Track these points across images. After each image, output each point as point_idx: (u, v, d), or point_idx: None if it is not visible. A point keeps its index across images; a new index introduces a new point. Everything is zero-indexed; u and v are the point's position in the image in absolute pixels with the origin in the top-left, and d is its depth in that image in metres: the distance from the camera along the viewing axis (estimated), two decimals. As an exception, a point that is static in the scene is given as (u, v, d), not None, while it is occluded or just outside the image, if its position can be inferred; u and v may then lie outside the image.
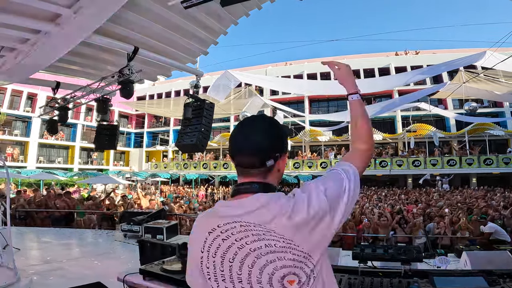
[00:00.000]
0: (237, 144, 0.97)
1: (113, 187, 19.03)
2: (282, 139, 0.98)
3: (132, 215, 7.07)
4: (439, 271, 1.73)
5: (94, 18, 3.72)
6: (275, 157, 0.94)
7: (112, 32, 4.55)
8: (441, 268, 3.17)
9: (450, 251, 4.50)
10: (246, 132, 0.97)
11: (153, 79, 6.74)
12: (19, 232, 7.57)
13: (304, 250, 0.83)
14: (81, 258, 5.04)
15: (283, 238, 0.83)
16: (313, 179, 0.96)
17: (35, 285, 3.61)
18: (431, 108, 17.64)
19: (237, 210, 0.89)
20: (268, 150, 0.93)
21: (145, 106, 27.11)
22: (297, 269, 0.82)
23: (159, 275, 1.93)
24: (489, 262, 2.91)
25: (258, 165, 0.93)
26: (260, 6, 5.36)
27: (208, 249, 0.89)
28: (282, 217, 0.84)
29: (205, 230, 0.91)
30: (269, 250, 0.82)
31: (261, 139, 0.94)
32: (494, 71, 10.99)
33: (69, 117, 6.48)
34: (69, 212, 8.86)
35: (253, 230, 0.85)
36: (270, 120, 1.00)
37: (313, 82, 21.56)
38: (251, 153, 0.93)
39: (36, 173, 19.20)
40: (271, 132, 0.96)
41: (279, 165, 0.97)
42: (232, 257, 0.85)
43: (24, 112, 26.09)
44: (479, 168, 20.62)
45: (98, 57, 5.34)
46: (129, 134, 35.76)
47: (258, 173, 0.94)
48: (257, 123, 0.98)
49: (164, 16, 4.54)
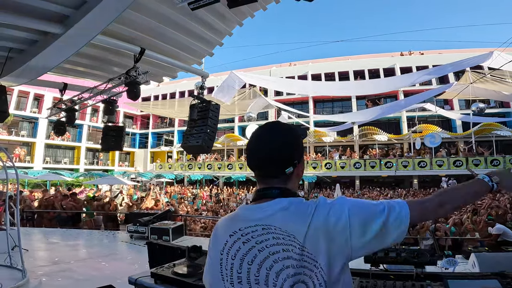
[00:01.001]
0: (256, 154, 0.97)
1: (120, 188, 19.14)
2: (299, 146, 0.99)
3: (138, 216, 7.09)
4: (453, 274, 1.71)
5: (100, 19, 3.74)
6: (294, 164, 0.95)
7: (118, 34, 4.57)
8: (449, 270, 3.14)
9: (457, 252, 4.46)
10: (264, 141, 0.97)
11: (158, 80, 6.76)
12: (27, 232, 7.64)
13: (315, 258, 0.83)
14: (88, 259, 5.07)
15: (299, 244, 0.83)
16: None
17: (44, 286, 3.64)
18: (437, 109, 17.51)
19: (258, 213, 0.91)
20: (287, 159, 0.94)
21: (150, 107, 27.23)
22: (306, 277, 0.82)
23: (171, 279, 1.93)
24: (498, 264, 2.87)
25: (278, 174, 0.94)
26: (265, 7, 5.35)
27: (228, 252, 0.90)
28: (302, 223, 0.84)
29: (227, 233, 0.93)
30: (286, 256, 0.83)
31: (280, 149, 0.94)
32: (501, 71, 10.89)
33: (76, 118, 6.52)
34: (75, 213, 8.92)
35: (274, 233, 0.86)
36: (286, 128, 0.99)
37: (317, 83, 21.52)
38: (271, 162, 0.94)
39: (42, 173, 19.37)
40: (288, 141, 0.96)
41: (298, 170, 0.97)
42: (251, 259, 0.86)
43: (31, 113, 26.35)
44: (486, 169, 20.39)
45: (105, 58, 5.37)
46: (134, 134, 35.95)
47: (278, 180, 0.95)
48: (274, 133, 0.97)
49: (170, 17, 4.56)
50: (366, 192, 18.77)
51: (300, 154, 0.98)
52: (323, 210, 0.86)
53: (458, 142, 23.95)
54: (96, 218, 8.99)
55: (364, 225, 0.85)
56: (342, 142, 26.53)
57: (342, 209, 0.86)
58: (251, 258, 0.86)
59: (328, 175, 24.04)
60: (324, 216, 0.85)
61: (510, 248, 4.62)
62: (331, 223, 0.84)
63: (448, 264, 3.35)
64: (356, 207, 0.87)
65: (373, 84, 14.57)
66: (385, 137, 24.03)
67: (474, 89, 12.47)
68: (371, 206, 0.88)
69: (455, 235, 6.79)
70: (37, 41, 4.34)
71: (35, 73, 4.90)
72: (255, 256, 0.86)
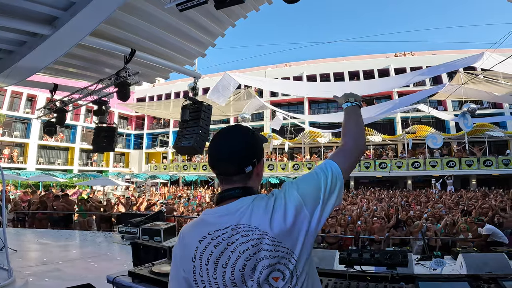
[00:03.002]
0: (216, 154, 1.01)
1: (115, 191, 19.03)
2: (257, 146, 1.02)
3: (130, 216, 7.06)
4: (426, 276, 1.73)
5: (90, 20, 3.73)
6: (253, 163, 0.98)
7: (108, 34, 4.56)
8: (438, 271, 3.16)
9: (447, 253, 4.49)
10: (224, 142, 1.01)
11: (151, 81, 6.75)
12: (17, 233, 7.58)
13: (286, 246, 0.87)
14: (77, 260, 5.04)
15: (268, 236, 0.87)
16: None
17: (30, 286, 3.61)
18: (430, 110, 17.64)
19: (226, 215, 0.93)
20: (245, 157, 0.98)
21: (145, 108, 27.14)
22: (281, 266, 0.86)
23: (148, 278, 1.94)
24: (485, 264, 2.89)
25: (238, 172, 0.97)
26: (257, 8, 5.37)
27: (200, 258, 0.89)
28: (266, 215, 0.89)
29: (195, 239, 0.92)
30: (257, 249, 0.86)
31: (238, 148, 0.99)
32: (493, 72, 10.99)
33: (67, 119, 6.49)
34: (67, 214, 8.86)
35: (243, 231, 0.89)
36: (245, 129, 1.04)
37: (312, 84, 21.58)
38: (230, 161, 0.98)
39: (35, 174, 19.20)
40: (246, 140, 1.01)
41: (257, 169, 1.01)
42: (225, 262, 0.87)
43: (24, 113, 26.11)
44: (479, 170, 20.59)
45: (96, 59, 5.35)
46: (129, 135, 35.75)
47: (239, 179, 0.99)
48: (233, 133, 1.02)
49: (161, 18, 4.56)
50: (360, 192, 18.82)
51: (259, 155, 1.02)
52: (280, 200, 0.91)
53: (451, 142, 24.14)
54: (88, 219, 8.92)
55: (315, 199, 0.92)
56: (337, 143, 26.57)
57: (293, 194, 0.92)
58: (225, 261, 0.87)
59: (323, 176, 24.06)
60: (282, 205, 0.90)
61: (499, 249, 4.66)
62: (288, 210, 0.89)
63: (436, 264, 3.38)
64: (302, 186, 0.94)
65: (367, 85, 14.64)
66: (379, 137, 24.15)
67: (466, 90, 12.58)
68: (314, 180, 0.96)
69: (445, 236, 6.83)
70: (26, 42, 4.31)
71: (24, 74, 4.87)
72: (228, 258, 0.87)
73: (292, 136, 25.44)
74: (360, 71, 27.77)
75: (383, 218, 7.68)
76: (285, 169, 24.85)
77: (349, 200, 13.83)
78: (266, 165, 25.60)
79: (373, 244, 6.71)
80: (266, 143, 1.10)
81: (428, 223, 6.95)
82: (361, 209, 9.75)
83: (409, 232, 7.20)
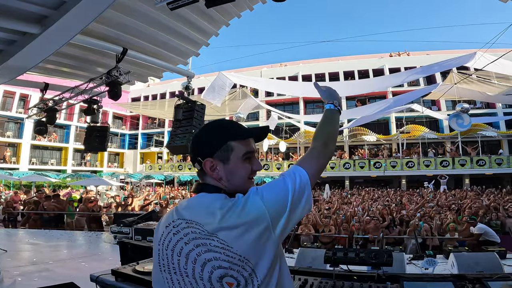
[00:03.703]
0: None
1: (109, 191, 18.89)
2: (200, 145, 1.02)
3: (123, 216, 7.00)
4: (411, 276, 1.73)
5: (80, 19, 3.68)
6: (197, 160, 0.99)
7: (100, 33, 4.52)
8: (429, 271, 3.17)
9: (440, 252, 4.51)
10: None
11: (144, 81, 6.70)
12: (8, 233, 7.50)
13: (238, 253, 0.84)
14: (68, 260, 4.99)
15: (217, 238, 0.85)
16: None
17: (19, 285, 3.57)
18: (423, 109, 17.76)
19: (186, 207, 0.96)
20: (192, 154, 1.02)
21: (140, 108, 26.96)
22: (234, 272, 0.84)
23: (131, 276, 1.93)
24: (477, 263, 2.90)
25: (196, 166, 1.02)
26: (251, 7, 5.36)
27: (163, 242, 0.94)
28: (216, 218, 0.87)
29: (164, 225, 0.97)
30: (207, 249, 0.86)
31: (191, 143, 1.05)
32: (486, 72, 11.09)
33: (60, 119, 6.42)
34: (59, 214, 8.77)
35: (193, 228, 0.89)
36: (205, 126, 1.05)
37: (307, 84, 21.61)
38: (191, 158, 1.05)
39: (27, 175, 19.00)
40: (195, 138, 1.04)
41: (206, 167, 0.98)
42: (179, 251, 0.89)
43: (17, 113, 25.81)
44: (472, 169, 20.78)
45: (87, 58, 5.29)
46: (124, 135, 35.54)
47: (200, 175, 1.02)
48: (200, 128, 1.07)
49: (153, 17, 4.52)
50: (355, 192, 18.89)
51: (202, 154, 0.99)
52: (238, 206, 0.88)
53: (445, 142, 24.34)
54: (78, 219, 8.83)
55: (281, 208, 0.89)
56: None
57: (255, 201, 0.88)
58: (179, 250, 0.89)
59: (318, 175, 24.13)
60: (238, 211, 0.87)
61: (490, 248, 4.70)
62: (244, 216, 0.86)
63: (428, 264, 3.39)
64: (268, 194, 0.90)
65: (362, 84, 14.71)
66: (374, 137, 24.28)
67: (459, 90, 12.68)
68: (280, 188, 0.91)
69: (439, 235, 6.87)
70: (15, 41, 4.24)
71: (14, 73, 4.80)
72: (181, 248, 0.89)
73: (287, 136, 25.47)
74: (355, 71, 27.91)
75: (377, 218, 7.71)
76: (280, 169, 24.88)
77: (346, 200, 13.88)
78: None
79: (368, 243, 6.74)
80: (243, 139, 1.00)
81: (424, 222, 6.99)
82: (356, 208, 9.78)
83: (402, 232, 7.24)
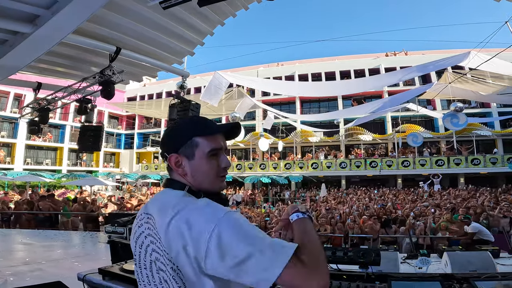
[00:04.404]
0: None
1: (104, 191, 18.77)
2: (168, 140, 0.98)
3: (118, 216, 6.96)
4: (399, 275, 1.73)
5: (72, 18, 3.65)
6: (163, 155, 0.97)
7: (92, 33, 4.48)
8: (423, 270, 3.18)
9: (434, 251, 4.53)
10: None
11: (138, 80, 6.67)
12: (2, 233, 7.43)
13: (173, 261, 0.80)
14: (61, 260, 4.96)
15: (160, 240, 0.83)
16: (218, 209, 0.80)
17: (10, 285, 3.54)
18: (419, 108, 17.84)
19: (150, 201, 0.96)
20: (161, 149, 0.99)
21: (136, 107, 26.77)
22: (169, 278, 0.81)
23: (118, 275, 1.92)
24: (470, 262, 2.91)
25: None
26: (247, 6, 5.34)
27: (133, 236, 0.94)
28: (167, 217, 0.82)
29: (138, 217, 0.96)
30: (154, 248, 0.85)
31: (161, 139, 1.02)
32: (481, 71, 11.15)
33: (55, 118, 6.39)
34: (53, 214, 8.71)
35: (151, 222, 0.88)
36: (174, 123, 1.04)
37: (304, 84, 21.64)
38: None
39: (22, 175, 18.84)
40: (164, 134, 1.01)
41: (171, 163, 0.95)
42: (140, 244, 0.89)
43: (11, 113, 25.56)
44: (467, 168, 20.92)
45: (80, 57, 5.26)
46: (119, 135, 35.36)
47: (169, 170, 0.99)
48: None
49: (147, 16, 4.49)
50: (351, 191, 18.96)
51: (172, 148, 0.95)
52: (185, 216, 0.79)
53: (440, 141, 24.47)
54: (73, 220, 8.78)
55: (224, 253, 0.72)
56: (328, 142, 26.75)
57: (206, 225, 0.75)
58: (141, 243, 0.89)
59: (315, 175, 24.20)
60: (184, 221, 0.78)
61: (484, 247, 4.73)
62: (191, 231, 0.76)
63: (421, 263, 3.40)
64: (224, 232, 0.74)
65: (358, 83, 14.74)
66: (370, 137, 24.36)
67: (453, 89, 12.75)
68: (241, 239, 0.73)
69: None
70: (7, 40, 4.21)
71: (5, 72, 4.76)
72: (142, 242, 0.88)
73: (284, 135, 25.48)
74: (351, 71, 27.97)
75: (375, 217, 7.74)
76: (277, 168, 24.89)
77: (341, 199, 13.93)
78: (258, 165, 25.60)
79: (364, 242, 6.76)
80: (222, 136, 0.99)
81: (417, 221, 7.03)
82: (351, 208, 9.81)
83: (397, 231, 7.27)
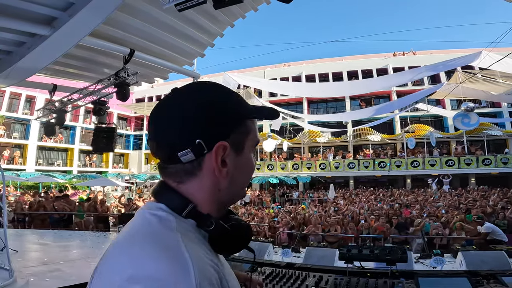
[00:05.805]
0: (149, 129, 0.59)
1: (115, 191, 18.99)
2: (208, 114, 0.55)
3: (130, 217, 7.07)
4: (425, 272, 1.74)
5: (88, 21, 3.74)
6: (195, 146, 0.53)
7: (107, 35, 4.57)
8: (438, 269, 3.18)
9: (447, 251, 4.50)
10: (158, 111, 0.59)
11: (150, 82, 6.76)
12: (18, 234, 7.57)
13: None
14: (78, 260, 5.04)
15: None
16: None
17: (31, 286, 3.61)
18: (430, 108, 17.66)
19: (123, 232, 0.57)
20: (179, 137, 0.54)
21: (144, 108, 27.04)
22: None
23: None
24: (484, 262, 2.91)
25: (169, 159, 0.56)
26: (256, 8, 5.39)
27: None
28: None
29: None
30: None
31: (170, 120, 0.55)
32: (491, 71, 11.02)
33: (66, 119, 6.50)
34: (67, 214, 8.87)
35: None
36: (201, 86, 0.62)
37: (311, 84, 21.61)
38: (153, 138, 0.58)
39: (34, 175, 19.17)
40: (187, 103, 0.56)
41: (217, 158, 0.54)
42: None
43: (23, 115, 26.03)
44: (478, 169, 20.63)
45: (95, 59, 5.36)
46: (128, 136, 35.70)
47: (175, 172, 0.57)
48: (175, 97, 0.59)
49: (160, 18, 4.57)
50: (360, 192, 18.85)
51: (213, 131, 0.55)
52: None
53: (450, 141, 24.18)
54: (86, 220, 8.93)
55: None
56: (336, 142, 26.63)
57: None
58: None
59: (323, 175, 24.10)
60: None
61: (498, 247, 4.68)
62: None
63: (436, 262, 3.40)
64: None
65: (366, 84, 14.71)
66: (378, 137, 24.18)
67: (463, 89, 12.61)
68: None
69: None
70: (25, 43, 4.31)
71: (23, 74, 4.88)
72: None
73: (291, 136, 25.45)
74: (359, 71, 27.78)
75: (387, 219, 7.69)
76: (285, 168, 24.86)
77: (350, 199, 13.87)
78: (265, 165, 25.60)
79: (375, 243, 6.74)
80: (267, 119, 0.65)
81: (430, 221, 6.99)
82: (362, 208, 9.78)
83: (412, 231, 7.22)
